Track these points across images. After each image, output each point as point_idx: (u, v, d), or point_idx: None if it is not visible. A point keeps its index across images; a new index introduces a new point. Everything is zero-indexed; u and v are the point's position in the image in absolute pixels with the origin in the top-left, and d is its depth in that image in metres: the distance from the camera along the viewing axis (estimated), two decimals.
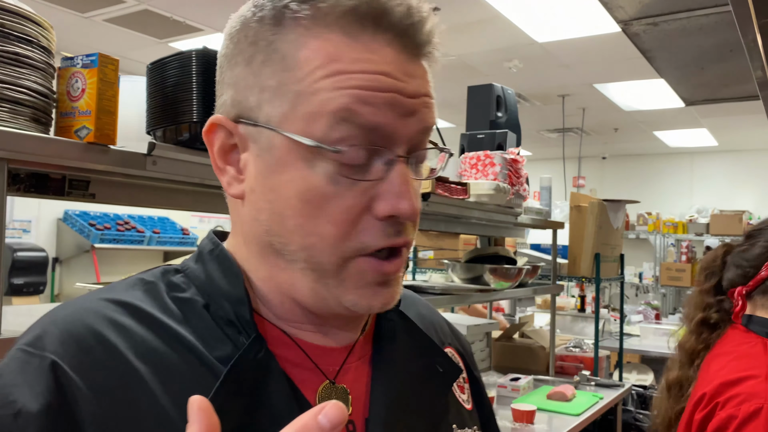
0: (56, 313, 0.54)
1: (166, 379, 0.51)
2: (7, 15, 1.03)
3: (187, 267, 0.60)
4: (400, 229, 0.54)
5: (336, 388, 0.58)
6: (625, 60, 4.88)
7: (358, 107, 0.51)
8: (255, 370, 0.52)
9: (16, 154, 1.00)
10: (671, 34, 2.38)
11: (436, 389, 0.63)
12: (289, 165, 0.53)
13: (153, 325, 0.54)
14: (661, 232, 7.60)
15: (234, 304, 0.55)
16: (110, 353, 0.51)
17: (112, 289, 0.57)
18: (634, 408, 3.47)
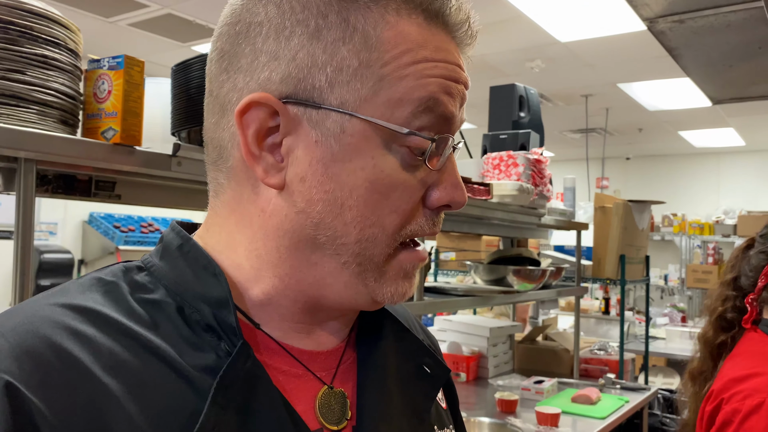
0: (2, 324, 0.46)
1: (141, 396, 0.44)
2: (35, 18, 1.04)
3: (151, 264, 0.53)
4: (440, 218, 0.54)
5: (335, 393, 0.55)
6: (650, 59, 4.82)
7: (442, 97, 0.50)
8: (244, 381, 0.47)
9: (44, 155, 1.01)
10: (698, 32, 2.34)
11: (424, 391, 0.60)
12: (362, 152, 0.49)
13: (119, 333, 0.47)
14: (686, 234, 7.49)
15: (214, 306, 0.49)
16: (73, 369, 0.44)
17: (66, 292, 0.49)
18: (661, 412, 3.42)
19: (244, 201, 0.53)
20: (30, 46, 1.03)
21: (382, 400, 0.56)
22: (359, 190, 0.49)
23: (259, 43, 0.50)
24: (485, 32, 4.47)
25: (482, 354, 3.10)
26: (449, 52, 0.52)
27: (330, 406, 0.54)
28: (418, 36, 0.50)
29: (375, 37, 0.49)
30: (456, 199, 0.52)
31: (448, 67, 0.51)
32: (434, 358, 0.62)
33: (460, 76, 0.52)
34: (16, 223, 1.01)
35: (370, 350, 0.59)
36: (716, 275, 6.61)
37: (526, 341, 3.49)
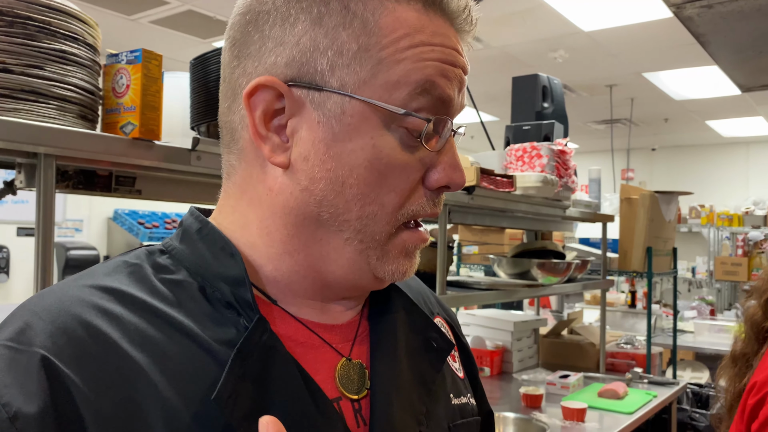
0: (36, 304, 0.50)
1: (166, 368, 0.48)
2: (54, 13, 1.04)
3: (172, 247, 0.56)
4: (440, 199, 0.56)
5: (353, 364, 0.57)
6: (677, 46, 4.72)
7: (439, 80, 0.52)
8: (261, 352, 0.50)
9: (64, 150, 1.01)
10: (727, 17, 2.27)
11: (431, 364, 0.63)
12: (361, 132, 0.52)
13: (145, 311, 0.50)
14: (715, 225, 7.35)
15: (232, 285, 0.52)
16: (103, 344, 0.47)
17: (93, 274, 0.53)
18: (690, 407, 3.36)
19: (254, 180, 0.55)
20: (48, 42, 1.03)
21: (393, 370, 0.58)
22: (359, 169, 0.52)
23: (267, 30, 0.53)
24: (506, 23, 4.42)
25: (506, 348, 3.06)
26: (447, 37, 0.54)
27: (349, 376, 0.56)
28: (416, 21, 0.52)
29: (373, 22, 0.51)
30: (454, 180, 0.54)
31: (445, 51, 0.53)
32: (440, 332, 0.64)
33: (458, 60, 0.54)
34: (36, 219, 1.01)
35: (380, 323, 0.61)
36: (746, 267, 6.48)
37: (551, 335, 3.45)
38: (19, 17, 1.00)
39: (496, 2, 4.08)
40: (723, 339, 4.65)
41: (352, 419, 0.55)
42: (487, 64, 5.35)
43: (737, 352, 1.36)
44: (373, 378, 0.57)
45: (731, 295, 7.43)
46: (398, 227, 0.54)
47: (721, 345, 4.49)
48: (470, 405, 0.68)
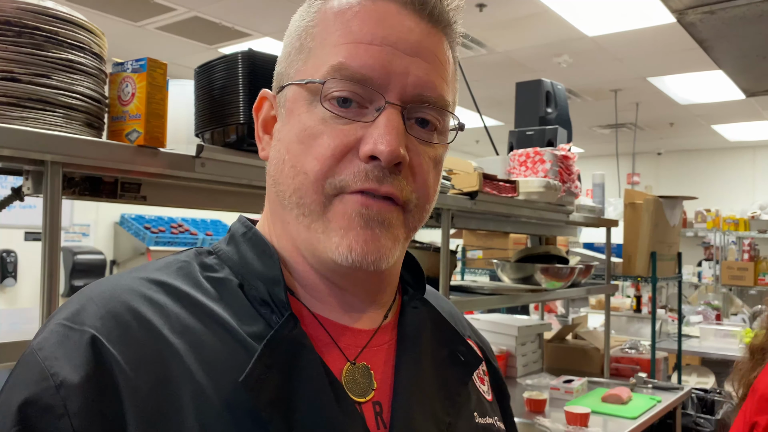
0: (93, 290, 0.55)
1: (201, 355, 0.52)
2: (60, 23, 1.06)
3: (219, 249, 0.62)
4: (386, 176, 0.55)
5: (357, 367, 0.59)
6: (681, 51, 4.72)
7: (350, 60, 0.55)
8: (289, 346, 0.54)
9: (70, 158, 1.03)
10: (730, 23, 2.27)
11: (457, 377, 0.64)
12: (294, 111, 0.58)
13: (187, 302, 0.55)
14: (721, 230, 7.32)
15: (268, 284, 0.57)
16: (146, 329, 0.52)
17: (146, 269, 0.58)
18: (695, 412, 3.35)
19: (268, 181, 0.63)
20: (55, 51, 1.05)
21: (415, 378, 0.60)
22: (291, 144, 0.57)
23: None
24: (510, 28, 4.44)
25: (510, 353, 3.07)
26: (374, 16, 0.56)
27: (355, 380, 0.58)
28: (344, 6, 0.57)
29: (312, 20, 0.59)
30: (378, 148, 0.53)
31: (363, 29, 0.56)
32: (468, 347, 0.66)
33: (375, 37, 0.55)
34: (43, 225, 1.02)
35: (407, 332, 0.63)
36: (752, 272, 6.45)
37: (555, 340, 3.44)
38: (27, 27, 1.01)
39: (500, 8, 4.09)
40: (729, 344, 4.63)
41: (372, 421, 0.57)
42: (492, 69, 5.36)
43: (755, 345, 1.39)
44: (396, 383, 0.60)
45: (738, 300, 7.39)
46: (336, 197, 0.55)
47: (727, 350, 4.47)
48: (496, 427, 0.68)
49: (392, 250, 0.56)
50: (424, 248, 2.16)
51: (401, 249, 0.59)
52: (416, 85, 0.56)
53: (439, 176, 0.61)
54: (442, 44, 0.60)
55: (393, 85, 0.55)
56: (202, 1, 4.07)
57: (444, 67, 0.59)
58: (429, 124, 0.58)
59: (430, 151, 0.59)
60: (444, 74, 0.59)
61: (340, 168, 0.55)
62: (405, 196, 0.56)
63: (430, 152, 0.59)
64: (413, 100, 0.56)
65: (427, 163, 0.58)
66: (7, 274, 4.47)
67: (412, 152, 0.57)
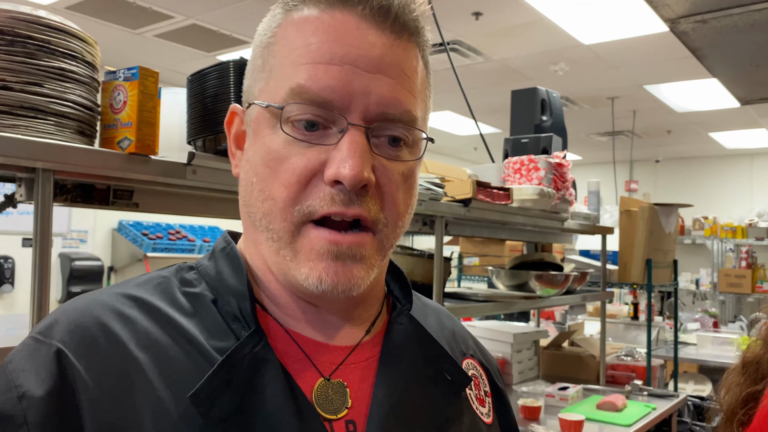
0: (70, 305, 0.57)
1: (166, 370, 0.52)
2: (53, 32, 1.07)
3: (200, 264, 0.62)
4: (352, 199, 0.54)
5: (331, 384, 0.57)
6: (676, 60, 4.74)
7: (310, 83, 0.54)
8: (252, 362, 0.54)
9: (61, 165, 1.04)
10: (722, 32, 2.29)
11: (443, 396, 0.62)
12: (260, 133, 0.57)
13: (158, 317, 0.56)
14: (718, 237, 7.33)
15: (239, 299, 0.57)
16: (112, 343, 0.53)
17: (127, 284, 0.59)
18: (691, 419, 3.35)
19: None
20: (47, 60, 1.06)
21: (395, 396, 0.58)
22: (258, 167, 0.56)
23: None
24: (506, 36, 4.46)
25: (506, 360, 3.07)
26: (333, 34, 0.54)
27: (327, 396, 0.56)
28: (302, 24, 0.56)
29: (279, 36, 0.57)
30: (341, 172, 0.52)
31: (322, 48, 0.54)
32: (456, 366, 0.64)
33: (335, 57, 0.54)
34: (34, 232, 1.03)
35: (391, 351, 0.62)
36: (750, 279, 6.45)
37: (551, 347, 3.45)
38: (19, 36, 1.03)
39: (496, 16, 4.12)
40: (726, 351, 4.63)
41: None
42: (489, 77, 5.38)
43: (748, 358, 1.33)
44: (373, 401, 0.58)
45: (735, 307, 7.40)
46: (305, 225, 0.54)
47: (725, 357, 4.47)
48: None
49: (365, 278, 0.55)
50: (418, 255, 2.16)
51: (377, 271, 0.58)
52: (379, 103, 0.55)
53: (411, 189, 0.59)
54: (408, 55, 0.58)
55: (355, 105, 0.54)
56: (200, 9, 4.09)
57: (410, 80, 0.57)
58: (398, 141, 0.57)
59: (400, 167, 0.57)
60: (410, 87, 0.57)
61: (306, 193, 0.54)
62: (373, 216, 0.55)
63: (399, 168, 0.57)
64: (377, 119, 0.55)
65: (396, 181, 0.57)
66: (4, 280, 4.48)
67: (379, 172, 0.55)
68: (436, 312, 0.74)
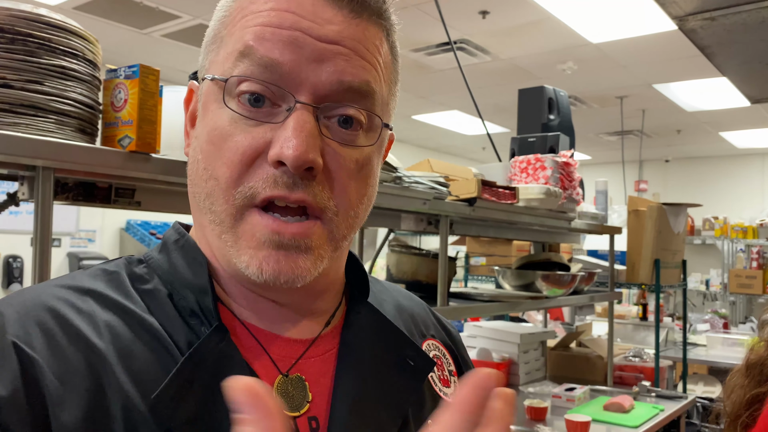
0: (14, 298, 0.52)
1: (131, 365, 0.49)
2: (53, 30, 1.07)
3: (150, 257, 0.58)
4: (297, 182, 0.50)
5: (291, 380, 0.55)
6: (685, 58, 4.70)
7: (257, 43, 0.51)
8: (216, 359, 0.51)
9: (62, 163, 1.03)
10: (731, 29, 2.27)
11: (407, 383, 0.60)
12: (207, 108, 0.54)
13: (118, 310, 0.52)
14: (729, 238, 7.27)
15: (197, 293, 0.54)
16: (74, 336, 0.49)
17: (73, 278, 0.55)
18: (699, 421, 3.32)
19: None
20: (48, 58, 1.05)
21: (357, 388, 0.56)
22: (203, 144, 0.53)
23: None
24: (513, 35, 4.44)
25: (513, 361, 3.05)
26: (290, 3, 0.51)
27: (287, 393, 0.54)
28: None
29: (228, 7, 0.55)
30: (284, 153, 0.49)
31: (272, 14, 0.51)
32: (419, 351, 0.61)
33: (293, 22, 0.51)
34: (34, 230, 1.03)
35: (350, 341, 0.60)
36: (761, 280, 6.39)
37: (559, 348, 3.43)
38: (20, 34, 1.02)
39: (504, 15, 4.10)
40: (736, 353, 4.58)
41: None
42: (496, 76, 5.37)
43: (752, 361, 1.32)
44: (334, 395, 0.56)
45: (746, 308, 7.33)
46: (248, 210, 0.52)
47: (735, 359, 4.43)
48: None
49: (311, 269, 0.52)
50: (423, 255, 2.15)
51: (328, 262, 0.55)
52: (334, 71, 0.51)
53: (368, 178, 0.56)
54: (370, 33, 0.54)
55: (305, 75, 0.50)
56: (207, 9, 4.10)
57: (372, 55, 0.54)
58: (353, 123, 0.53)
59: (353, 153, 0.53)
60: (372, 61, 0.54)
61: (249, 174, 0.51)
62: (320, 203, 0.52)
63: (353, 154, 0.53)
64: (330, 93, 0.51)
65: (348, 168, 0.53)
66: (13, 279, 4.51)
67: (329, 156, 0.52)
68: (393, 295, 0.71)
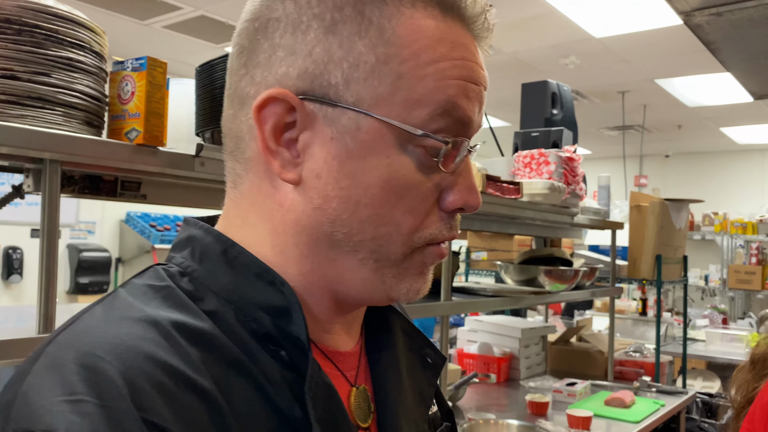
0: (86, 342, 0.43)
1: (232, 400, 0.45)
2: (60, 21, 1.06)
3: (192, 269, 0.51)
4: (456, 222, 0.54)
5: (360, 392, 0.56)
6: (688, 53, 4.69)
7: (461, 101, 0.50)
8: (323, 388, 0.49)
9: (68, 156, 1.03)
10: (737, 25, 2.26)
11: (428, 381, 0.63)
12: (377, 151, 0.48)
13: (200, 340, 0.46)
14: (728, 233, 7.28)
15: (273, 315, 0.49)
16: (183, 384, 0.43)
17: (129, 306, 0.47)
18: (699, 416, 3.33)
19: (263, 194, 0.52)
20: (55, 49, 1.05)
21: (398, 394, 0.58)
22: (374, 189, 0.49)
23: (277, 38, 0.49)
24: (517, 28, 4.42)
25: (514, 355, 3.06)
26: (467, 48, 0.50)
27: (360, 405, 0.55)
28: (436, 30, 0.49)
29: (390, 30, 0.48)
30: (469, 202, 0.52)
31: (466, 65, 0.50)
32: (434, 348, 0.64)
33: (480, 77, 0.51)
34: (42, 223, 1.02)
35: (381, 348, 0.60)
36: (760, 276, 6.40)
37: (559, 342, 3.43)
38: (27, 26, 1.01)
39: (507, 8, 4.08)
40: (735, 348, 4.59)
41: None
42: (499, 70, 5.35)
43: (757, 354, 1.35)
44: (380, 404, 0.57)
45: (745, 304, 7.35)
46: (419, 248, 0.52)
47: (734, 354, 4.44)
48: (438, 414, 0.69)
49: None
50: None
51: None
52: (479, 125, 0.53)
53: None
54: None
55: (475, 128, 0.52)
56: (208, 0, 4.08)
57: None
58: None
59: None
60: None
61: (427, 222, 0.51)
62: None
63: None
64: None
65: None
66: (13, 271, 4.50)
67: None
68: None
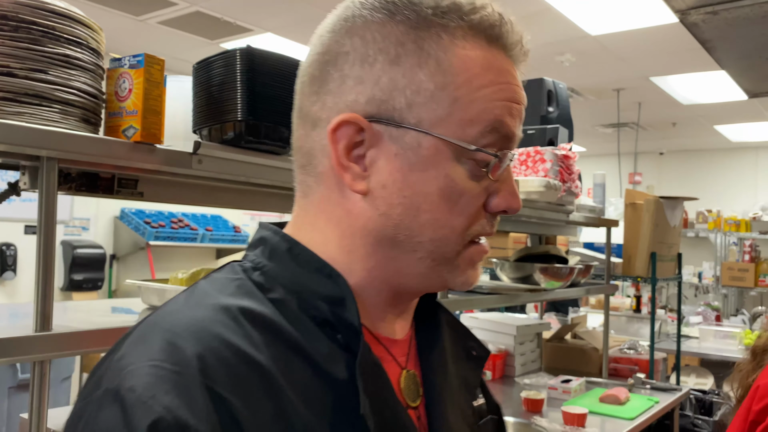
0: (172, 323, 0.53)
1: (293, 379, 0.53)
2: (57, 18, 1.05)
3: (263, 264, 0.60)
4: (497, 220, 0.62)
5: (410, 375, 0.63)
6: (684, 51, 4.70)
7: (507, 119, 0.58)
8: (373, 368, 0.56)
9: (66, 153, 1.02)
10: (733, 23, 2.26)
11: (474, 372, 0.70)
12: (435, 164, 0.57)
13: (265, 326, 0.54)
14: (722, 231, 7.31)
15: (330, 303, 0.57)
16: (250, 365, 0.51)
17: (208, 294, 0.57)
18: (693, 413, 3.35)
19: (333, 203, 0.60)
20: (52, 46, 1.04)
21: (445, 379, 0.65)
22: (432, 197, 0.57)
23: (346, 69, 0.58)
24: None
25: (509, 352, 3.06)
26: (510, 73, 0.59)
27: (409, 386, 0.62)
28: (483, 60, 0.58)
29: (447, 62, 0.57)
30: (512, 205, 0.60)
31: (510, 88, 0.59)
32: (478, 342, 0.72)
33: (520, 97, 0.60)
34: (39, 221, 1.02)
35: (430, 336, 0.68)
36: (753, 273, 6.44)
37: (554, 339, 3.44)
38: (23, 22, 1.01)
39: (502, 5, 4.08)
40: (728, 345, 4.62)
41: None
42: None
43: (759, 345, 1.38)
44: (428, 387, 0.64)
45: (738, 301, 7.39)
46: (468, 244, 0.60)
47: (727, 351, 4.47)
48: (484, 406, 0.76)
49: None
50: None
51: None
52: (519, 138, 0.62)
53: None
54: None
55: (516, 141, 0.61)
56: None
57: None
58: None
59: None
60: None
61: (476, 222, 0.60)
62: None
63: None
64: None
65: None
66: (6, 268, 4.48)
67: None
68: None
